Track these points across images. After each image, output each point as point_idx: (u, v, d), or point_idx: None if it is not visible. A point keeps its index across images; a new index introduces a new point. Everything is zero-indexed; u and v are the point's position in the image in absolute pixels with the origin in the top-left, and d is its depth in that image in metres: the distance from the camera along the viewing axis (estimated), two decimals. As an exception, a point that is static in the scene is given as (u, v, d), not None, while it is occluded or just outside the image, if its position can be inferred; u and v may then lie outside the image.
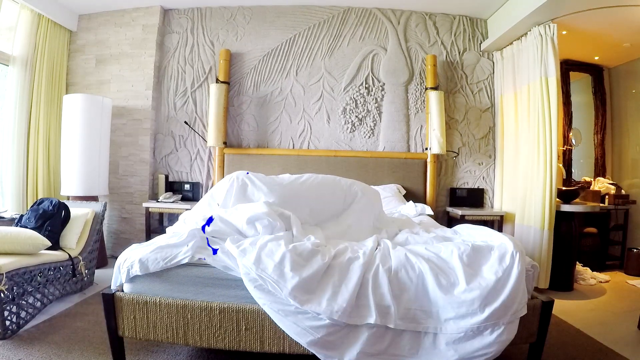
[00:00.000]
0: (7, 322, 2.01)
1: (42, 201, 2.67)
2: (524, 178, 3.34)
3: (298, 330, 1.54)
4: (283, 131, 3.94)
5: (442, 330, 1.58)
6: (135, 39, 3.89)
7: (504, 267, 1.68)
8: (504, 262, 1.69)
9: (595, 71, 4.40)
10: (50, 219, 2.53)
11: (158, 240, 1.81)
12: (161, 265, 1.70)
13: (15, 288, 2.04)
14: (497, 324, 1.56)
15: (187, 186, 3.88)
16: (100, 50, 3.93)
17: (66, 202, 2.75)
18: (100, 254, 3.31)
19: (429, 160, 3.80)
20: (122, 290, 1.71)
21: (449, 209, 3.81)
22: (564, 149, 4.18)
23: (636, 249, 3.73)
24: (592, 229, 3.93)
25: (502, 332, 1.57)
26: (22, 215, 2.65)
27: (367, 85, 3.93)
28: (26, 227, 2.44)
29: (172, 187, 3.89)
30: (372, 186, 2.68)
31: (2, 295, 1.95)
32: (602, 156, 4.39)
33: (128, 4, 3.84)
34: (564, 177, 4.09)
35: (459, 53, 3.98)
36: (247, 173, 2.31)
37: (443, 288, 1.61)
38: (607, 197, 3.92)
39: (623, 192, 4.08)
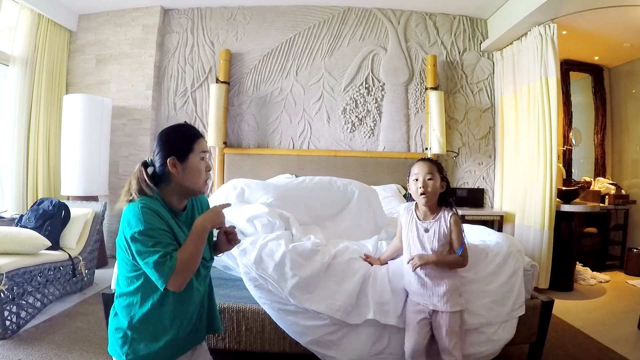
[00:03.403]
0: (7, 322, 2.01)
1: (42, 201, 2.67)
2: (524, 178, 3.34)
3: (298, 330, 1.54)
4: (283, 131, 3.93)
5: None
6: (135, 39, 3.89)
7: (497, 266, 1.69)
8: (498, 262, 1.70)
9: (595, 71, 4.40)
10: (50, 219, 2.53)
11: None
12: (161, 265, 1.70)
13: (15, 288, 2.05)
14: (491, 323, 1.57)
15: (187, 186, 3.88)
16: (100, 50, 3.93)
17: (66, 202, 2.75)
18: (101, 254, 3.30)
19: (429, 160, 3.80)
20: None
21: (449, 209, 3.80)
22: (564, 149, 4.18)
23: (636, 249, 3.73)
24: (592, 229, 3.93)
25: (497, 330, 1.58)
26: (22, 215, 2.65)
27: (367, 85, 3.93)
28: (26, 227, 2.44)
29: (172, 187, 3.88)
30: (371, 186, 2.68)
31: (2, 295, 1.95)
32: (602, 156, 4.39)
33: (128, 4, 3.84)
34: (564, 177, 4.09)
35: (459, 53, 3.98)
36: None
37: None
38: (607, 197, 3.92)
39: (623, 192, 4.08)
